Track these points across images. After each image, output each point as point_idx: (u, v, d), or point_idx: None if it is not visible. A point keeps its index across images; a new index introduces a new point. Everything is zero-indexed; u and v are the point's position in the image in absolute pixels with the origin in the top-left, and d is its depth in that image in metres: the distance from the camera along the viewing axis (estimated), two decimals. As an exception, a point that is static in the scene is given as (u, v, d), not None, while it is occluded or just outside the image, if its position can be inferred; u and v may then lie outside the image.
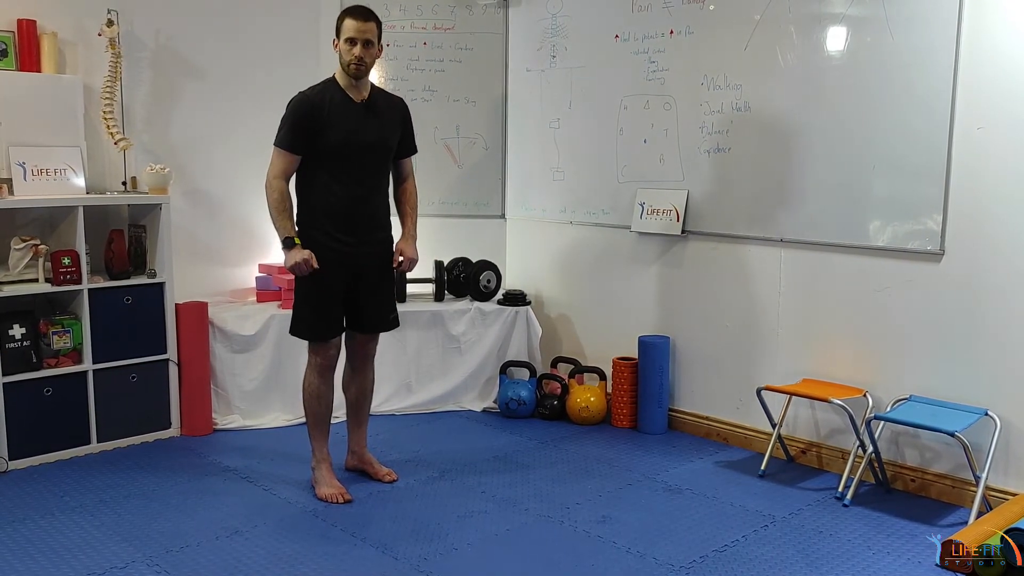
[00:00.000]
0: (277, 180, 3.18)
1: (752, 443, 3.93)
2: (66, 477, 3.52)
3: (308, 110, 3.17)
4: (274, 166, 3.20)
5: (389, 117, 3.32)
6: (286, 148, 3.19)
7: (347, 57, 3.16)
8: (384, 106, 3.32)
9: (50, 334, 3.68)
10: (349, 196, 3.22)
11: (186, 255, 4.21)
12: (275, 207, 3.18)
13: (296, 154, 3.19)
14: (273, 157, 3.21)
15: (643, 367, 4.17)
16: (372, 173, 3.28)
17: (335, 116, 3.18)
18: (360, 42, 3.13)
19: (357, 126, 3.21)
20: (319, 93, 3.21)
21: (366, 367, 3.48)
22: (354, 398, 3.50)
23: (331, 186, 3.20)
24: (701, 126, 3.99)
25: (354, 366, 3.47)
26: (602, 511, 3.24)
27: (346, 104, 3.21)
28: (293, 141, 3.18)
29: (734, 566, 2.81)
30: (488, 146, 4.89)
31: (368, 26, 3.15)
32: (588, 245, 4.56)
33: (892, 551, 2.92)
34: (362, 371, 3.48)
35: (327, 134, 3.17)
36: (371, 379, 3.52)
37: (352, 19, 3.15)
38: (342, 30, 3.17)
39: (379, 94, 3.35)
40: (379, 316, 3.42)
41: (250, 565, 2.78)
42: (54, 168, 3.73)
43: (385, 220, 3.38)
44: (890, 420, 3.27)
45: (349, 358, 3.47)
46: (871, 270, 3.50)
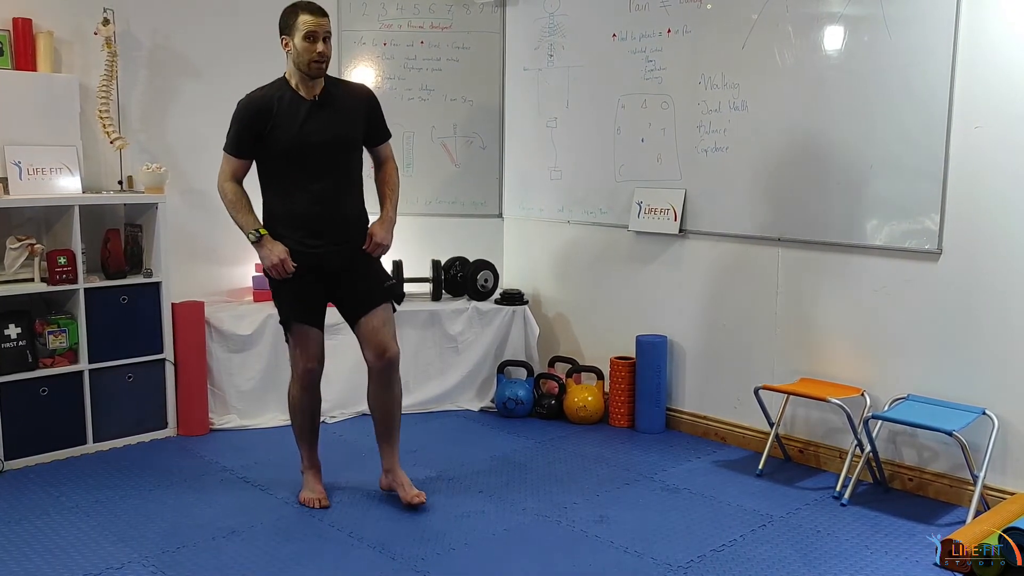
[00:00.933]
0: (227, 183, 3.09)
1: (750, 442, 3.92)
2: (62, 477, 3.51)
3: (254, 112, 3.04)
4: (223, 171, 3.11)
5: (347, 109, 3.13)
6: (232, 152, 3.09)
7: (307, 55, 2.99)
8: (341, 98, 3.13)
9: (46, 334, 3.67)
10: (310, 199, 3.07)
11: (182, 254, 4.20)
12: (231, 206, 3.10)
13: (242, 158, 3.09)
14: (222, 161, 3.12)
15: (641, 366, 4.17)
16: (331, 172, 3.10)
17: (283, 116, 3.03)
18: (321, 37, 2.99)
19: (307, 124, 3.04)
20: (265, 94, 3.08)
21: (389, 377, 3.18)
22: (380, 416, 3.25)
23: (289, 190, 3.07)
24: (699, 125, 3.98)
25: (374, 376, 3.19)
26: (600, 511, 3.24)
27: (295, 102, 3.05)
28: (238, 145, 3.07)
29: (732, 566, 2.81)
30: (485, 145, 4.88)
31: (326, 20, 3.02)
32: (586, 244, 4.56)
33: (890, 550, 2.92)
34: (385, 384, 3.19)
35: (275, 136, 3.03)
36: (397, 395, 3.25)
37: (309, 15, 2.99)
38: (297, 26, 2.99)
39: (335, 86, 3.16)
40: (370, 290, 3.18)
41: (247, 565, 2.77)
42: (50, 167, 3.72)
43: (360, 219, 3.21)
44: (888, 419, 3.27)
45: (369, 370, 3.20)
46: (869, 269, 3.50)
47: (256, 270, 4.49)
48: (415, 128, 4.80)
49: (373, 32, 4.69)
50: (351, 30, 4.68)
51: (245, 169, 3.13)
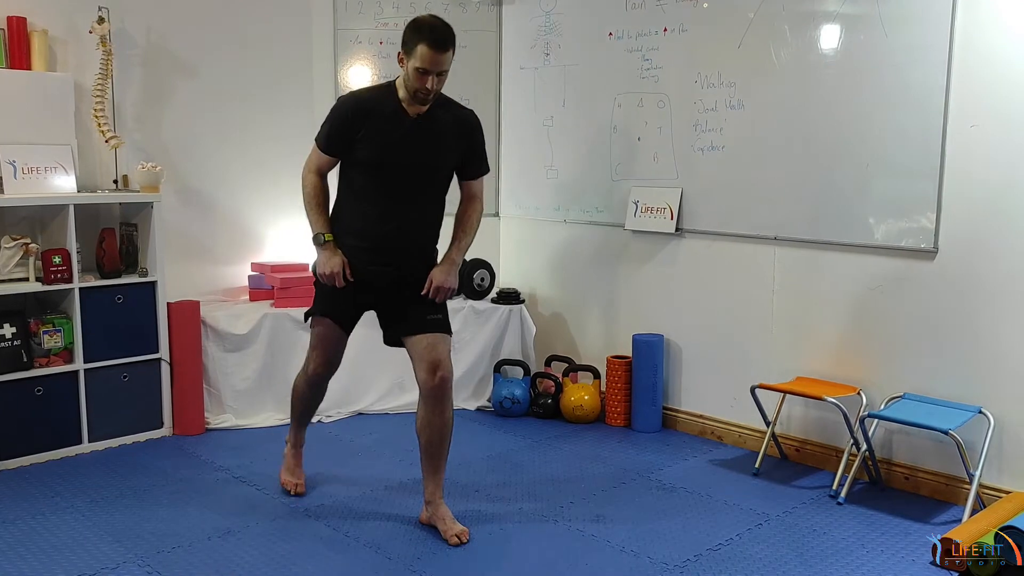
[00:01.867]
0: (311, 175, 3.00)
1: (746, 441, 3.92)
2: (57, 477, 3.50)
3: (353, 113, 2.90)
4: (310, 160, 3.02)
5: (448, 134, 2.96)
6: (321, 147, 2.98)
7: (415, 84, 2.80)
8: (445, 122, 2.95)
9: (41, 333, 3.66)
10: (382, 217, 2.93)
11: (178, 254, 4.18)
12: (306, 200, 3.00)
13: (330, 155, 2.97)
14: (311, 151, 3.02)
15: (637, 365, 4.17)
16: (412, 196, 2.95)
17: (379, 127, 2.87)
18: (433, 74, 2.79)
19: (401, 142, 2.88)
20: (370, 98, 2.94)
21: (442, 399, 2.95)
22: (427, 442, 2.99)
23: (364, 202, 2.95)
24: (695, 124, 3.98)
25: (425, 396, 2.97)
26: (596, 510, 3.24)
27: (397, 116, 2.88)
28: (329, 141, 2.96)
29: (728, 565, 2.81)
30: (482, 144, 4.86)
31: (446, 56, 2.79)
32: (582, 243, 4.55)
33: (886, 549, 2.92)
34: (437, 407, 2.96)
35: (365, 144, 2.89)
36: (449, 419, 2.99)
37: (430, 48, 2.75)
38: (415, 54, 2.77)
39: (443, 107, 2.96)
40: (423, 314, 2.98)
41: (242, 565, 2.76)
42: (44, 166, 3.71)
43: (426, 250, 3.06)
44: (884, 418, 3.27)
45: (421, 391, 2.98)
46: (865, 268, 3.50)
47: (252, 269, 4.49)
48: (411, 127, 4.78)
49: (369, 31, 4.68)
50: (347, 29, 4.67)
51: (331, 166, 3.02)
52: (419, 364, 2.96)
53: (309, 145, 4.54)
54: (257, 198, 4.51)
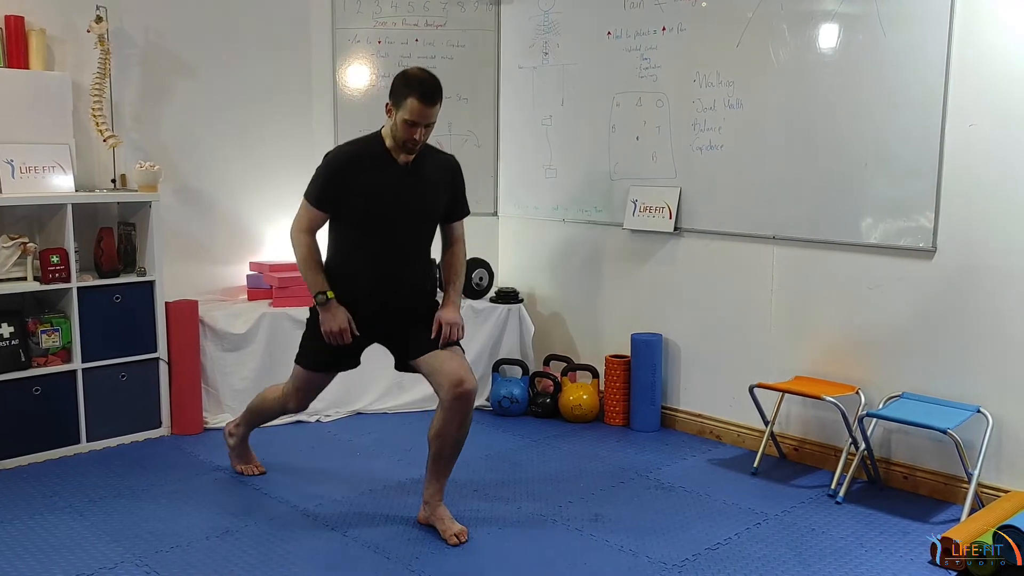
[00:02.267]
0: (303, 235, 2.98)
1: (745, 440, 3.92)
2: (55, 477, 3.50)
3: (344, 168, 2.93)
4: (300, 219, 2.99)
5: (435, 179, 3.03)
6: (313, 204, 2.97)
7: (403, 135, 2.85)
8: (431, 167, 3.03)
9: (39, 333, 3.65)
10: (378, 264, 2.97)
11: (176, 253, 4.18)
12: (303, 262, 2.98)
13: (323, 211, 2.97)
14: (300, 208, 3.00)
15: (636, 365, 4.16)
16: (406, 241, 3.01)
17: (373, 177, 2.92)
18: (421, 126, 2.86)
19: (396, 189, 2.93)
20: (359, 150, 2.97)
21: (464, 413, 2.91)
22: (440, 450, 2.97)
23: (358, 251, 2.98)
24: (693, 123, 3.98)
25: (447, 410, 2.90)
26: (595, 509, 3.23)
27: (387, 164, 2.94)
28: (321, 198, 2.95)
29: (727, 564, 2.80)
30: (480, 143, 4.87)
31: (434, 109, 2.85)
32: (581, 243, 4.55)
33: (884, 548, 2.92)
34: (459, 420, 2.91)
35: (361, 195, 2.92)
36: (465, 434, 2.97)
37: (419, 102, 2.80)
38: (403, 106, 2.82)
39: (427, 154, 3.03)
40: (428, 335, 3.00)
41: (240, 565, 2.76)
42: (42, 166, 3.71)
43: (423, 287, 3.11)
44: (882, 417, 3.27)
45: (441, 403, 2.92)
46: (863, 267, 3.50)
47: (250, 268, 4.49)
48: (410, 126, 4.78)
49: (367, 30, 4.68)
50: (345, 28, 4.67)
51: (323, 222, 3.01)
52: (440, 378, 2.92)
53: (308, 145, 4.57)
54: (256, 197, 4.51)
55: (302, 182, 3.07)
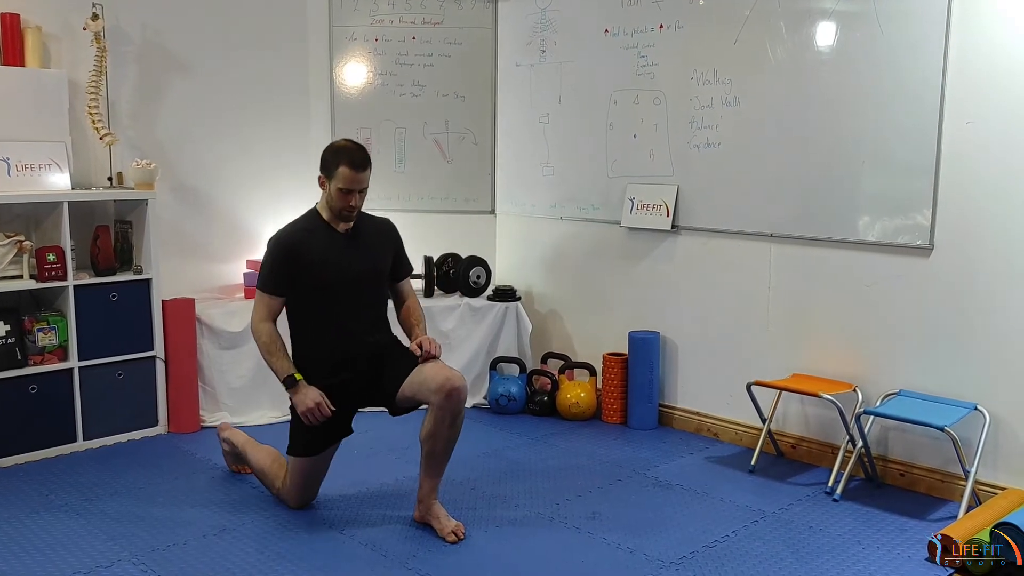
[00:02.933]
0: (263, 324, 3.01)
1: (742, 438, 3.92)
2: (52, 475, 3.49)
3: (289, 251, 3.00)
4: (258, 310, 3.03)
5: (376, 243, 3.15)
6: (269, 291, 3.02)
7: (339, 204, 2.99)
8: (370, 232, 3.15)
9: (35, 331, 3.65)
10: (344, 331, 3.04)
11: (173, 251, 4.18)
12: (267, 351, 3.01)
13: (280, 295, 3.03)
14: (256, 301, 3.06)
15: (633, 363, 4.16)
16: (366, 305, 3.11)
17: (318, 252, 3.01)
18: (356, 192, 2.98)
19: (344, 258, 3.04)
20: (300, 229, 3.05)
21: (457, 412, 2.92)
22: (432, 450, 2.98)
23: (324, 325, 3.04)
24: (691, 121, 3.98)
25: (440, 411, 2.91)
26: (592, 507, 3.23)
27: (329, 237, 3.05)
28: (276, 284, 3.02)
29: (724, 561, 2.80)
30: (477, 141, 4.87)
31: (365, 175, 2.98)
32: (578, 241, 4.55)
33: (882, 546, 2.92)
34: (451, 420, 2.92)
35: (312, 272, 3.00)
36: (457, 432, 2.98)
37: (348, 168, 2.94)
38: (336, 176, 2.95)
39: (364, 220, 3.15)
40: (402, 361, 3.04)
41: (238, 563, 2.76)
42: (39, 163, 3.70)
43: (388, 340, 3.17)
44: (880, 415, 3.27)
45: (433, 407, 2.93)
46: (861, 265, 3.50)
47: (247, 266, 4.48)
48: (407, 124, 4.79)
49: (364, 28, 4.67)
50: (342, 26, 4.67)
51: (281, 307, 3.06)
52: (427, 386, 2.93)
53: (305, 143, 4.56)
54: (252, 195, 4.50)
55: (299, 180, 3.09)
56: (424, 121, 4.79)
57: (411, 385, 2.99)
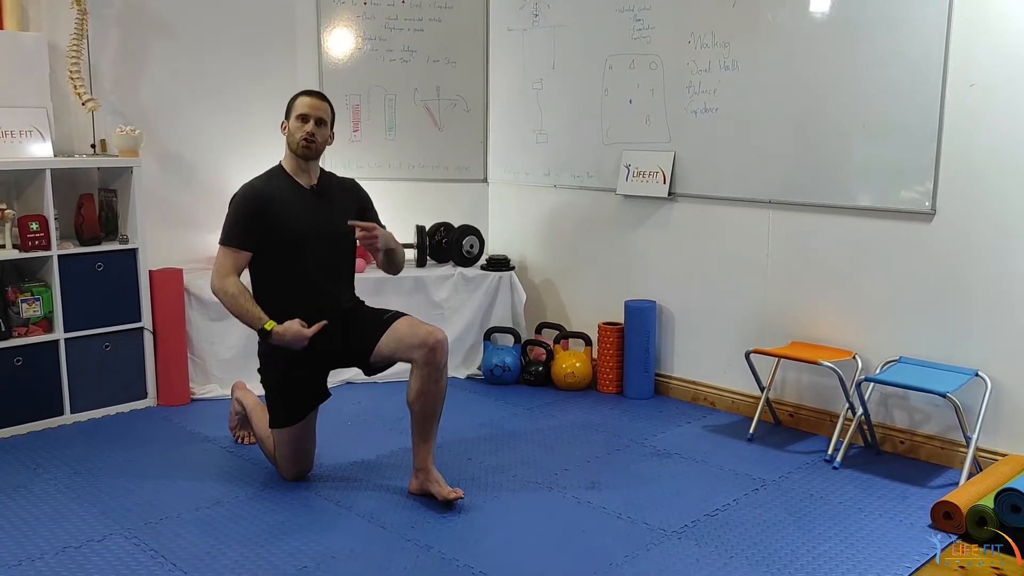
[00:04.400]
0: (227, 278, 2.92)
1: (739, 407, 3.89)
2: (39, 449, 3.42)
3: (254, 203, 2.94)
4: (221, 266, 2.92)
5: (342, 202, 3.09)
6: (234, 246, 2.93)
7: (297, 134, 2.95)
8: (336, 190, 3.11)
9: (19, 302, 3.56)
10: (311, 292, 2.97)
11: (157, 220, 4.07)
12: (233, 301, 2.90)
13: (245, 250, 2.94)
14: (218, 256, 2.95)
15: (629, 332, 4.12)
16: (332, 264, 3.04)
17: (285, 206, 2.95)
18: (313, 119, 2.96)
19: (311, 214, 2.98)
20: (264, 184, 3.00)
21: (439, 368, 2.87)
22: (421, 411, 2.92)
23: (289, 284, 2.97)
24: (688, 86, 3.90)
25: (423, 369, 2.86)
26: (591, 477, 3.20)
27: (294, 191, 2.99)
28: (242, 237, 2.93)
29: (726, 530, 2.77)
30: (469, 108, 4.77)
31: (323, 105, 3.00)
32: (572, 209, 4.48)
33: (883, 512, 2.90)
34: (435, 376, 2.87)
35: (279, 227, 2.93)
36: (444, 387, 2.93)
37: (306, 96, 3.01)
38: (293, 107, 3.00)
39: (328, 179, 3.12)
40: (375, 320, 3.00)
41: (232, 536, 2.70)
42: (19, 130, 3.59)
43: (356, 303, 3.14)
44: (880, 382, 3.24)
45: (415, 365, 2.88)
46: (861, 231, 3.46)
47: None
48: (397, 91, 4.69)
49: (353, -9, 4.56)
50: (330, -11, 4.55)
51: (245, 263, 2.98)
52: (406, 343, 2.88)
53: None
54: (238, 162, 4.37)
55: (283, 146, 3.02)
56: (415, 87, 4.69)
57: (388, 343, 2.94)
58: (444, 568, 2.52)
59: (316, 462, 3.21)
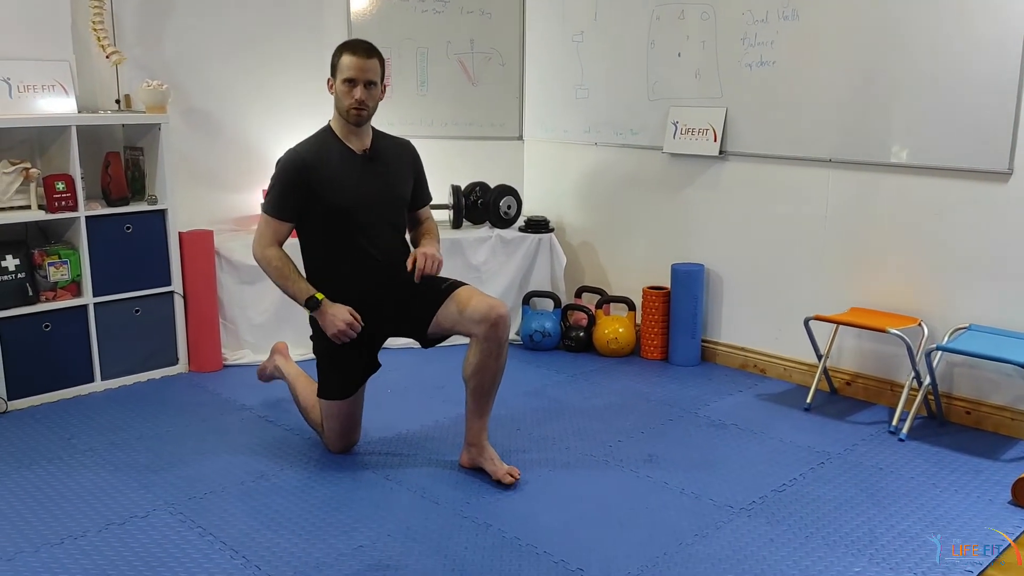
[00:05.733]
0: (269, 249, 2.78)
1: (791, 375, 3.75)
2: (71, 417, 3.30)
3: (296, 174, 2.75)
4: (263, 236, 2.78)
5: (397, 166, 2.89)
6: (275, 215, 2.77)
7: (346, 101, 2.72)
8: (390, 154, 2.89)
9: (46, 265, 3.41)
10: (364, 259, 2.80)
11: (184, 180, 3.90)
12: (279, 275, 2.77)
13: (287, 221, 2.79)
14: (260, 225, 2.81)
15: (676, 296, 3.96)
16: (387, 232, 2.85)
17: (334, 174, 2.77)
18: (361, 83, 2.70)
19: (363, 182, 2.79)
20: (312, 149, 2.79)
21: (500, 343, 2.69)
22: (478, 386, 2.75)
23: (341, 253, 2.81)
24: (743, 37, 3.70)
25: (483, 343, 2.68)
26: (647, 449, 3.06)
27: (345, 157, 2.79)
28: (283, 207, 2.77)
29: (797, 507, 2.64)
30: (505, 62, 4.57)
31: (371, 63, 2.71)
32: (614, 168, 4.30)
33: (959, 488, 2.77)
34: (495, 351, 2.69)
35: (327, 196, 2.75)
36: (503, 363, 2.75)
37: (351, 55, 2.70)
38: (339, 68, 2.73)
39: (383, 140, 2.90)
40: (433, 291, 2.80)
41: (281, 512, 2.58)
42: (42, 84, 3.42)
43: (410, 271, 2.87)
44: (953, 351, 3.08)
45: (475, 339, 2.70)
46: (930, 191, 3.28)
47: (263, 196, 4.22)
48: (429, 44, 4.48)
49: (384, -63, 4.34)
50: (360, -65, 4.32)
51: (288, 234, 2.82)
52: (469, 317, 2.68)
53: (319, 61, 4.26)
54: (265, 118, 4.21)
55: (313, 103, 2.86)
56: (447, 40, 4.48)
57: (447, 316, 2.76)
58: (505, 548, 2.40)
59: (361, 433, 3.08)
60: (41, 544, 2.39)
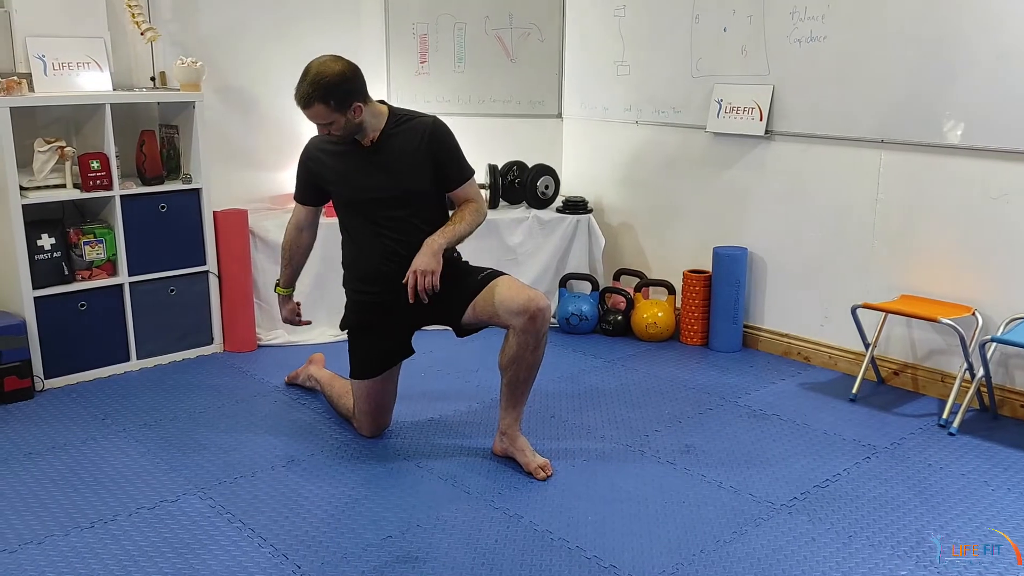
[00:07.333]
0: (289, 227, 3.01)
1: (837, 363, 3.63)
2: (107, 397, 3.31)
3: (305, 163, 2.85)
4: (292, 214, 3.02)
5: (406, 156, 2.71)
6: (295, 197, 2.97)
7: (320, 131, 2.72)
8: (402, 142, 2.71)
9: (81, 244, 3.41)
10: (373, 252, 2.76)
11: (219, 158, 3.87)
12: (281, 253, 3.07)
13: (306, 204, 2.94)
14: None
15: (717, 281, 3.85)
16: (399, 223, 2.72)
17: (333, 168, 2.77)
18: (316, 125, 2.67)
19: (359, 177, 2.73)
20: (317, 144, 2.82)
21: (540, 334, 2.62)
22: (514, 376, 2.69)
23: (357, 242, 2.82)
24: (792, 11, 3.55)
25: (521, 334, 2.61)
26: (685, 439, 2.98)
27: (349, 151, 2.74)
28: (299, 191, 2.94)
29: (840, 504, 2.54)
30: (544, 38, 4.46)
31: (311, 112, 2.59)
32: (656, 147, 4.18)
33: (1013, 487, 2.64)
34: (534, 343, 2.62)
35: (331, 188, 2.82)
36: (540, 357, 2.69)
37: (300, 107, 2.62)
38: None
39: (400, 126, 2.73)
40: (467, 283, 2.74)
41: (311, 500, 2.55)
42: (76, 61, 3.39)
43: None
44: (1008, 343, 2.93)
45: (513, 330, 2.62)
46: (987, 174, 3.12)
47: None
48: (467, 19, 4.39)
49: (421, -91, 4.23)
50: (397, -93, 4.22)
51: (309, 216, 2.97)
52: (507, 308, 2.60)
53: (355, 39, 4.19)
54: (303, 98, 4.15)
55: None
56: (486, 15, 4.38)
57: (484, 307, 2.68)
58: (537, 542, 2.34)
59: (393, 417, 3.03)
60: (72, 527, 2.39)
